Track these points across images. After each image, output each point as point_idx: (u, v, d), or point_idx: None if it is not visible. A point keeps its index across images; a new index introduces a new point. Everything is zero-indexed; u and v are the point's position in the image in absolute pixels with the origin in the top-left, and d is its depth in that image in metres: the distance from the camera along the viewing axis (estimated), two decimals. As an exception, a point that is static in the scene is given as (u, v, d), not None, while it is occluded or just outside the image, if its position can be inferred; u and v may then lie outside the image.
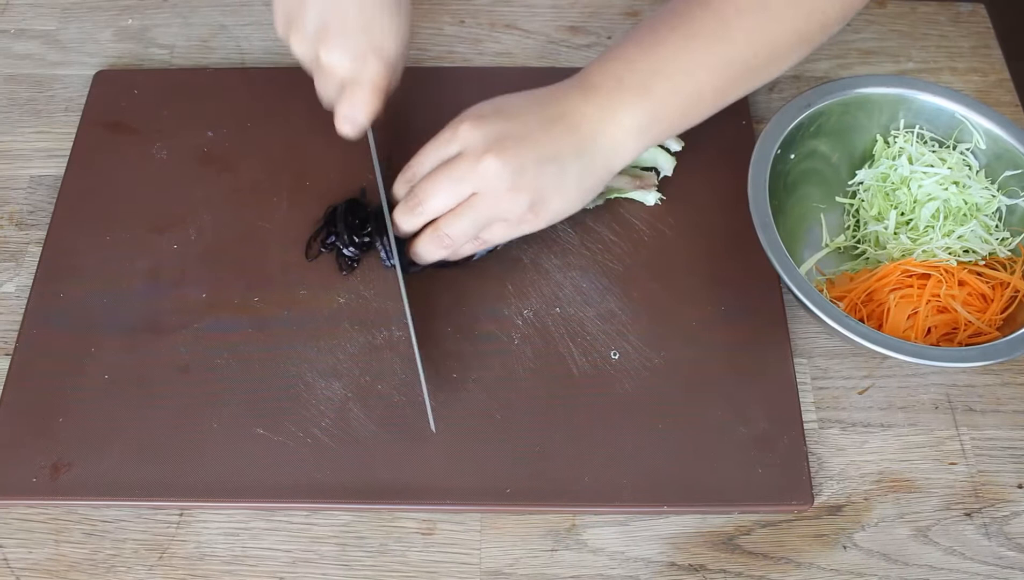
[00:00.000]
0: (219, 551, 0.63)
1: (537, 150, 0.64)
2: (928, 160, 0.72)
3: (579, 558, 0.63)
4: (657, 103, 0.66)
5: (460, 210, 0.65)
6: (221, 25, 0.86)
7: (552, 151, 0.65)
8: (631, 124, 0.66)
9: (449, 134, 0.66)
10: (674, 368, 0.67)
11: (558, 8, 0.88)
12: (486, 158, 0.63)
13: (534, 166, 0.64)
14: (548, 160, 0.64)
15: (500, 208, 0.65)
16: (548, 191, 0.65)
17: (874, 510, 0.65)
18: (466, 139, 0.65)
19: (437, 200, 0.65)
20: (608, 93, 0.66)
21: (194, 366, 0.67)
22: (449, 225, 0.66)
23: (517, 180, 0.64)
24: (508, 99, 0.67)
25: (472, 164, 0.64)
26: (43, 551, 0.62)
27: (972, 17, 0.88)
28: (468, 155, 0.64)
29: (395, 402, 0.66)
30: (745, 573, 0.62)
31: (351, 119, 0.68)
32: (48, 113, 0.81)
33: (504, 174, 0.63)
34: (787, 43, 0.68)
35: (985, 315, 0.67)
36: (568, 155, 0.65)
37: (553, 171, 0.65)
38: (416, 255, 0.68)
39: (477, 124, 0.65)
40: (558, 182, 0.65)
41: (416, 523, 0.64)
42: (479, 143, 0.64)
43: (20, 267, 0.73)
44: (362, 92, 0.67)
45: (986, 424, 0.68)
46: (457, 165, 0.64)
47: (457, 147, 0.65)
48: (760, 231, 0.65)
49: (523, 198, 0.64)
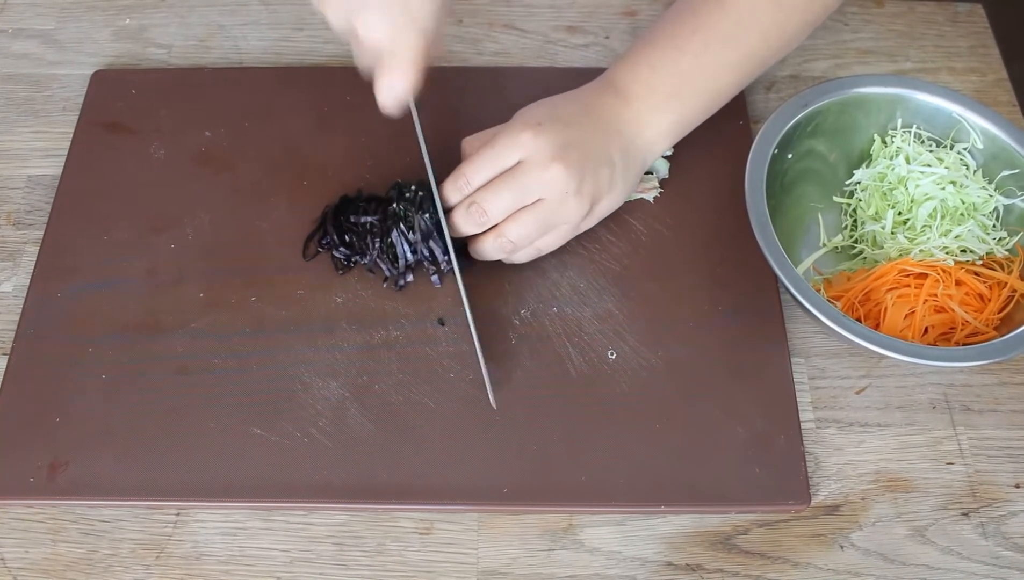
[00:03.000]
0: (216, 551, 0.63)
1: (595, 156, 0.67)
2: (925, 160, 0.72)
3: (576, 558, 0.63)
4: (685, 107, 0.71)
5: (524, 216, 0.67)
6: (219, 25, 0.86)
7: (606, 155, 0.68)
8: (664, 127, 0.71)
9: (508, 142, 0.67)
10: (671, 368, 0.68)
11: (556, 8, 0.88)
12: (553, 167, 0.65)
13: (593, 171, 0.67)
14: (603, 164, 0.68)
15: (563, 214, 0.67)
16: (603, 192, 0.69)
17: (871, 510, 0.65)
18: (529, 147, 0.66)
19: (501, 209, 0.67)
20: (641, 99, 0.70)
21: (191, 366, 0.67)
22: (513, 230, 0.67)
23: (580, 186, 0.66)
24: (556, 106, 0.69)
25: (539, 172, 0.66)
26: (40, 551, 0.62)
27: (970, 17, 0.88)
28: (533, 163, 0.66)
29: (392, 402, 0.66)
30: (742, 573, 0.62)
31: (390, 93, 0.66)
32: (46, 113, 0.81)
33: (570, 181, 0.66)
34: (797, 32, 0.73)
35: (982, 315, 0.67)
36: (617, 156, 0.69)
37: (607, 173, 0.68)
38: (477, 252, 0.70)
39: (539, 133, 0.66)
40: (610, 184, 0.69)
41: (413, 523, 0.64)
42: (544, 151, 0.66)
43: (17, 267, 0.73)
44: (400, 66, 0.65)
45: (983, 424, 0.68)
46: (522, 174, 0.66)
47: (519, 155, 0.66)
48: (757, 231, 0.65)
49: (585, 203, 0.67)
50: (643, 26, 0.87)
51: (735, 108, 0.74)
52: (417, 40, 0.65)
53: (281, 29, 0.86)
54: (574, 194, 0.66)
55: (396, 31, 0.64)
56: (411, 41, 0.65)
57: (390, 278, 0.70)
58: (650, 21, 0.87)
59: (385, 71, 0.65)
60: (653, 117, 0.70)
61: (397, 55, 0.65)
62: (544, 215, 0.67)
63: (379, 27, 0.64)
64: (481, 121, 0.71)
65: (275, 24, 0.86)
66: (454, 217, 0.68)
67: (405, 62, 0.65)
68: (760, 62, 0.72)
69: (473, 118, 0.73)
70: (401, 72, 0.65)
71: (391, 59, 0.65)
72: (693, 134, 0.73)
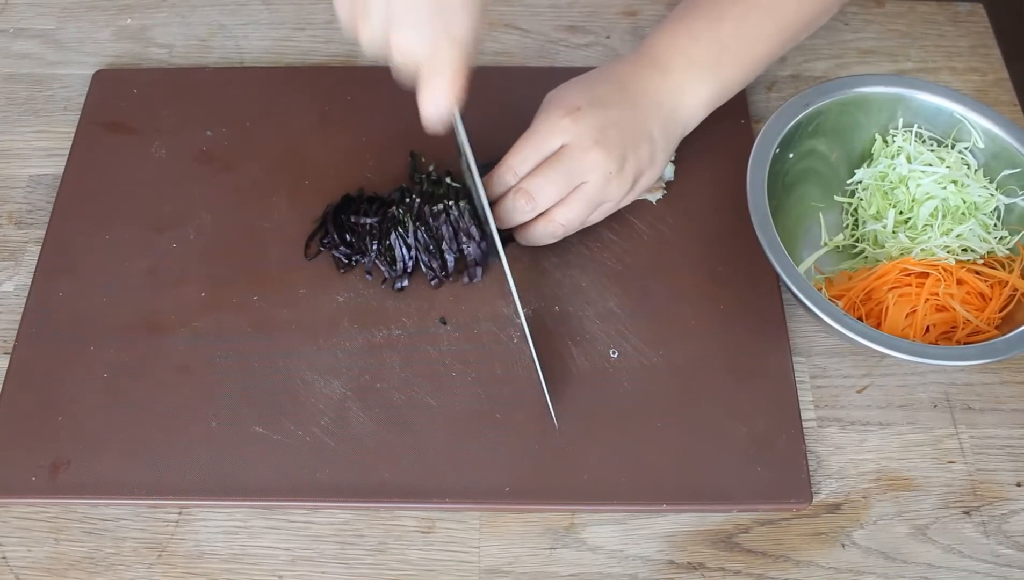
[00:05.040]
0: (218, 549, 0.63)
1: (635, 134, 0.68)
2: (927, 159, 0.72)
3: (578, 556, 0.63)
4: (724, 76, 0.72)
5: (572, 200, 0.68)
6: (220, 24, 0.86)
7: (645, 131, 0.69)
8: (703, 96, 0.71)
9: (549, 128, 0.68)
10: (673, 367, 0.68)
11: (557, 8, 0.88)
12: (595, 150, 0.67)
13: (634, 149, 0.68)
14: (643, 140, 0.69)
15: (608, 193, 0.68)
16: (644, 167, 0.70)
17: (873, 508, 0.65)
18: (570, 132, 0.67)
19: (548, 195, 0.68)
20: (681, 69, 0.71)
21: (193, 365, 0.67)
22: (563, 215, 0.68)
23: (623, 166, 0.68)
24: (592, 85, 0.70)
25: (581, 156, 0.67)
26: (42, 550, 0.62)
27: (971, 17, 0.88)
28: (575, 148, 0.67)
29: (394, 401, 0.66)
30: (744, 571, 0.62)
31: (434, 110, 0.65)
32: (47, 112, 0.81)
33: (612, 163, 0.67)
34: (828, 2, 0.74)
35: (983, 314, 0.67)
36: (656, 131, 0.70)
37: (648, 149, 0.69)
38: (528, 240, 0.70)
39: (578, 118, 0.67)
40: (651, 157, 0.70)
41: (415, 521, 0.64)
42: (585, 136, 0.67)
43: (19, 266, 0.73)
44: (440, 80, 0.64)
45: (984, 422, 0.68)
46: (566, 159, 0.67)
47: (560, 140, 0.67)
48: (759, 230, 0.65)
49: (628, 180, 0.69)
50: (644, 26, 0.87)
51: (736, 108, 0.75)
52: (456, 52, 0.64)
53: (282, 29, 0.86)
54: (617, 174, 0.67)
55: (435, 46, 0.63)
56: (451, 54, 0.64)
57: (388, 280, 0.70)
58: (651, 21, 0.87)
59: (427, 87, 0.64)
60: (692, 87, 0.71)
61: (438, 70, 0.64)
62: (590, 196, 0.68)
63: (417, 43, 0.63)
64: (482, 121, 0.71)
65: (276, 24, 0.86)
66: (501, 207, 0.69)
67: (447, 76, 0.64)
68: (795, 33, 0.74)
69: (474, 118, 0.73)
70: (443, 87, 0.64)
71: (432, 74, 0.64)
72: (694, 134, 0.73)
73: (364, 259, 0.70)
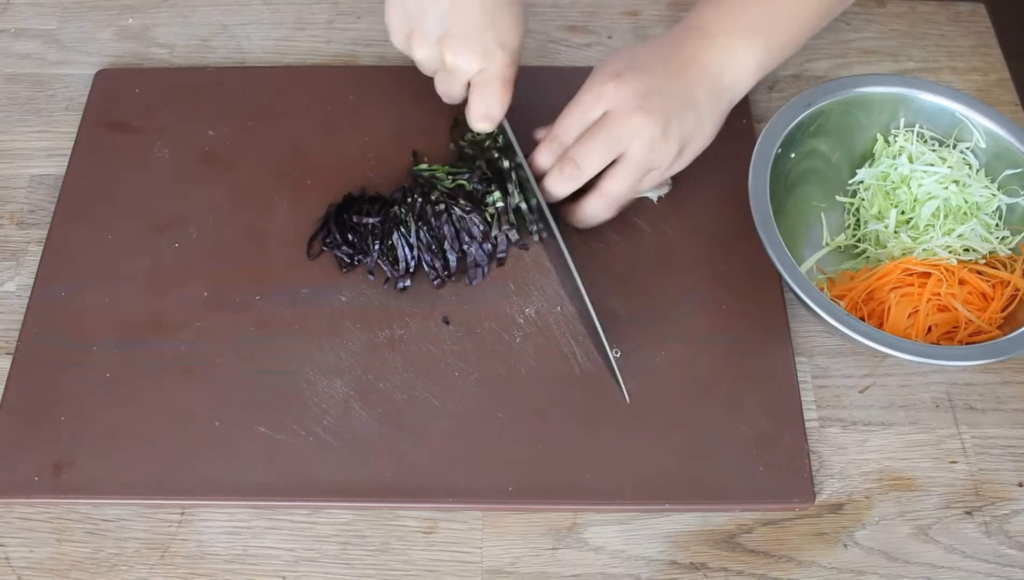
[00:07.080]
0: (221, 550, 0.63)
1: (678, 99, 0.68)
2: (928, 159, 0.72)
3: (580, 556, 0.63)
4: (770, 42, 0.72)
5: (618, 170, 0.68)
6: (222, 24, 0.86)
7: (691, 97, 0.69)
8: (750, 62, 0.71)
9: (591, 96, 0.68)
10: (675, 366, 0.68)
11: (558, 7, 0.88)
12: (636, 116, 0.66)
13: (678, 115, 0.68)
14: (688, 107, 0.69)
15: (653, 159, 0.68)
16: (691, 134, 0.69)
17: (875, 508, 0.65)
18: (612, 99, 0.67)
19: (592, 162, 0.68)
20: (727, 33, 0.70)
21: (196, 365, 0.67)
22: (612, 184, 0.69)
23: (666, 130, 0.67)
24: (636, 54, 0.70)
25: (623, 122, 0.67)
26: (45, 550, 0.62)
27: (972, 16, 0.88)
28: (617, 114, 0.67)
29: (397, 400, 0.66)
30: (746, 571, 0.62)
31: (487, 116, 0.69)
32: (49, 112, 0.81)
33: (655, 128, 0.67)
34: None
35: (985, 314, 0.67)
36: (702, 97, 0.69)
37: (693, 116, 0.69)
38: (582, 219, 0.71)
39: (620, 83, 0.67)
40: (698, 124, 0.69)
41: (418, 522, 0.64)
42: (626, 101, 0.67)
43: (21, 266, 0.73)
44: (493, 88, 0.68)
45: (986, 422, 0.68)
46: (609, 125, 0.67)
47: (603, 107, 0.67)
48: (761, 230, 0.66)
49: (673, 146, 0.68)
50: (646, 26, 0.87)
51: (738, 108, 0.74)
52: (506, 60, 0.67)
53: (283, 28, 0.86)
54: (661, 139, 0.67)
55: (487, 56, 0.67)
56: (501, 62, 0.67)
57: (390, 280, 0.70)
58: (653, 21, 0.87)
59: (480, 96, 0.68)
60: (738, 51, 0.70)
61: (490, 80, 0.67)
62: (637, 163, 0.68)
63: (470, 54, 0.66)
64: (485, 121, 0.71)
65: (277, 24, 0.86)
66: (548, 180, 0.69)
67: (499, 85, 0.67)
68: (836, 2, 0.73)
69: (476, 117, 0.73)
70: (495, 95, 0.68)
71: (485, 84, 0.67)
72: (695, 134, 0.73)
73: (366, 259, 0.70)
